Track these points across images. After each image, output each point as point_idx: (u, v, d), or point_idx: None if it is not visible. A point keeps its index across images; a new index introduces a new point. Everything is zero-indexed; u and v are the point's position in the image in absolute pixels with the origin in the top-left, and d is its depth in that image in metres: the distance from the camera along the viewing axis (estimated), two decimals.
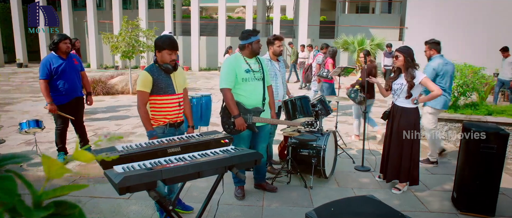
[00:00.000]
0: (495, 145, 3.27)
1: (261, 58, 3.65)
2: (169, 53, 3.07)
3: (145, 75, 3.02)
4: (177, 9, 24.83)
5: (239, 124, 3.42)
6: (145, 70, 3.07)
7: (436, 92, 3.65)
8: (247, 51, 3.50)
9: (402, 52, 3.73)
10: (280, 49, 4.26)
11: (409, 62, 3.71)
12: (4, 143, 5.29)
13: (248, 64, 3.48)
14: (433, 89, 3.66)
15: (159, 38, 3.17)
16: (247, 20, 19.13)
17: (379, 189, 4.05)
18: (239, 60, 3.50)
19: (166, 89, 3.09)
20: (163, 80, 3.09)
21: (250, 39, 3.45)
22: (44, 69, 4.30)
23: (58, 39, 4.35)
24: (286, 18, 31.57)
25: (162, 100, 3.10)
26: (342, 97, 5.12)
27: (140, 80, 3.04)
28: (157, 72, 3.07)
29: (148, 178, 1.94)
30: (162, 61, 3.08)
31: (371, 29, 20.60)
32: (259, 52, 3.58)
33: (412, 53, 3.77)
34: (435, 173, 4.56)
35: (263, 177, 3.91)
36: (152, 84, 3.04)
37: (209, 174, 2.22)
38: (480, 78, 6.12)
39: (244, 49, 3.49)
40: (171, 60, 3.11)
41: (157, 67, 3.10)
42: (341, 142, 5.72)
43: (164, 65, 3.08)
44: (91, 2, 19.02)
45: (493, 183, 3.35)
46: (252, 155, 2.32)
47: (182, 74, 3.30)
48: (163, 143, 2.57)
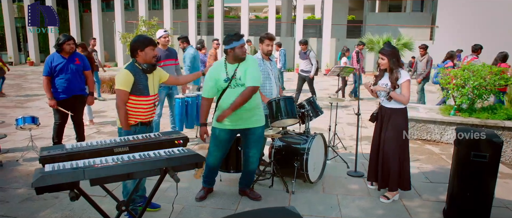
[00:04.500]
0: (487, 153, 2.95)
1: (251, 59, 3.46)
2: (152, 49, 3.04)
3: (127, 74, 2.97)
4: (203, 9, 25.14)
5: (202, 133, 3.40)
6: (126, 69, 3.01)
7: (404, 100, 3.44)
8: (230, 57, 3.32)
9: (386, 54, 3.49)
10: (269, 48, 4.10)
11: (393, 63, 3.47)
12: (9, 138, 5.50)
13: (227, 73, 3.31)
14: (404, 96, 3.44)
15: (137, 38, 3.10)
16: (270, 20, 18.99)
17: (366, 196, 3.79)
18: (221, 68, 3.35)
19: (142, 90, 3.05)
20: (142, 81, 3.04)
21: (232, 44, 3.25)
22: (46, 67, 4.50)
23: (63, 41, 4.51)
24: (314, 17, 31.11)
25: (137, 101, 3.05)
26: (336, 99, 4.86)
27: (121, 79, 2.98)
28: (137, 73, 3.03)
29: (68, 178, 1.87)
30: (145, 60, 3.03)
31: (400, 29, 19.82)
32: (244, 57, 3.38)
33: (397, 53, 3.53)
34: (434, 181, 4.22)
35: (248, 184, 3.75)
36: (133, 84, 2.99)
37: (142, 175, 2.13)
38: (498, 80, 5.62)
39: (227, 54, 3.32)
40: (154, 56, 3.08)
41: (137, 67, 3.04)
42: (340, 145, 5.47)
43: (145, 65, 3.03)
44: (119, 3, 19.63)
45: (485, 195, 3.03)
46: (193, 157, 2.20)
47: (158, 73, 3.24)
48: (111, 142, 2.51)
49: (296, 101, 3.91)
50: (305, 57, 8.01)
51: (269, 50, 4.12)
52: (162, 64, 5.35)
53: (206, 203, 3.57)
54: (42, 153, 2.27)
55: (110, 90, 10.34)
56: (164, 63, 5.37)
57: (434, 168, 4.70)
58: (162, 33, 5.41)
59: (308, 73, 8.13)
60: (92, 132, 6.27)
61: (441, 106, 6.68)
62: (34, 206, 3.44)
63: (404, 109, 3.55)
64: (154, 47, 3.07)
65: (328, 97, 4.90)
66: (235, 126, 3.39)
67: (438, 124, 5.91)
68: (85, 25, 24.19)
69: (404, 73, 3.47)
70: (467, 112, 5.92)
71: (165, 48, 5.43)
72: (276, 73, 4.31)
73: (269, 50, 4.11)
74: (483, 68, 5.84)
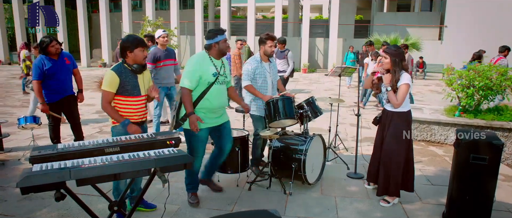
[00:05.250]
0: (486, 156, 2.88)
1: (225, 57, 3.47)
2: (142, 50, 3.03)
3: (112, 76, 2.97)
4: (210, 10, 25.19)
5: (192, 121, 3.18)
6: (112, 70, 3.01)
7: (395, 103, 3.40)
8: (214, 52, 3.30)
9: (389, 53, 3.41)
10: (272, 49, 4.07)
11: (395, 63, 3.39)
12: (13, 137, 5.57)
13: (215, 67, 3.30)
14: (399, 98, 3.38)
15: (126, 39, 3.08)
16: (276, 20, 18.95)
17: (365, 199, 3.73)
18: (207, 61, 3.29)
19: (132, 91, 3.04)
20: (130, 81, 3.03)
21: (217, 38, 3.24)
22: (37, 71, 4.36)
23: (46, 44, 4.36)
24: (321, 17, 30.95)
25: (127, 101, 3.05)
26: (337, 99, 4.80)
27: (107, 80, 2.98)
28: (125, 73, 3.02)
29: (54, 179, 1.87)
30: (135, 61, 3.03)
31: (408, 28, 19.62)
32: (226, 52, 3.40)
33: (402, 54, 3.44)
34: (435, 184, 4.14)
35: (210, 175, 3.76)
36: (119, 85, 2.98)
37: (129, 176, 2.12)
38: (505, 80, 5.50)
39: (211, 49, 3.29)
40: (144, 57, 3.07)
41: (125, 67, 3.04)
42: (342, 147, 5.41)
43: (134, 66, 3.03)
44: (127, 4, 19.78)
45: (485, 198, 2.95)
46: (181, 157, 2.18)
47: (148, 74, 3.24)
48: (103, 143, 2.50)
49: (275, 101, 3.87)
50: (283, 57, 7.71)
51: (272, 51, 4.09)
52: (161, 64, 5.36)
53: (202, 204, 3.55)
54: (33, 153, 2.27)
55: None
56: (163, 63, 5.37)
57: (436, 170, 4.61)
58: (161, 33, 5.40)
59: (282, 73, 7.77)
60: (95, 132, 6.31)
61: (446, 107, 6.57)
62: (32, 205, 3.46)
63: (406, 112, 3.48)
64: (144, 48, 3.04)
65: (328, 98, 4.83)
66: (215, 123, 3.39)
67: (442, 125, 5.81)
68: (93, 25, 24.44)
69: (405, 76, 3.39)
70: (472, 113, 5.81)
71: (164, 48, 5.42)
72: (275, 75, 4.27)
73: (272, 51, 4.08)
74: (489, 69, 5.73)
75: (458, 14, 17.18)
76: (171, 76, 5.55)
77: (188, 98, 3.22)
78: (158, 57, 5.31)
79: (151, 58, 5.25)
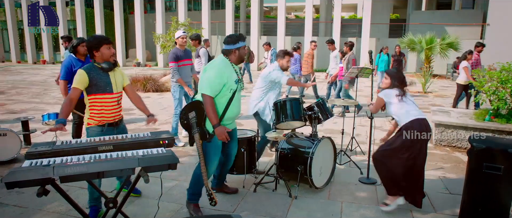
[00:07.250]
0: (501, 166, 2.65)
1: None
2: (108, 48, 3.06)
3: (82, 74, 3.00)
4: (241, 10, 25.34)
5: (220, 133, 3.04)
6: (83, 69, 3.06)
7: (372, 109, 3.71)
8: (233, 57, 3.20)
9: (390, 75, 3.56)
10: (288, 65, 4.49)
11: (394, 86, 3.50)
12: (39, 133, 5.87)
13: (236, 73, 3.22)
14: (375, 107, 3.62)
15: (92, 39, 3.12)
16: (307, 20, 18.71)
17: (373, 205, 3.57)
18: (230, 67, 3.19)
19: (104, 88, 3.08)
20: (102, 79, 3.06)
21: (239, 43, 3.15)
22: (66, 71, 4.53)
23: (77, 43, 4.62)
24: (356, 16, 30.21)
25: (101, 99, 3.09)
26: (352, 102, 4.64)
27: (76, 78, 3.02)
28: (95, 72, 3.05)
29: (37, 175, 1.93)
30: (103, 59, 3.07)
31: (446, 27, 18.67)
32: (244, 59, 3.34)
33: (402, 78, 3.53)
34: (454, 192, 3.88)
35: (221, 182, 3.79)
36: (90, 84, 3.01)
37: (113, 175, 2.16)
38: None
39: (231, 55, 3.19)
40: (111, 54, 3.10)
41: (95, 66, 3.08)
42: (359, 150, 5.22)
43: (103, 64, 3.07)
44: (160, 5, 20.35)
45: (499, 211, 2.72)
46: (166, 158, 2.19)
47: (120, 72, 3.27)
48: (98, 141, 2.57)
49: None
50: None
51: (288, 67, 4.56)
52: (180, 64, 5.45)
53: (203, 204, 3.54)
54: (31, 149, 2.37)
55: (144, 89, 10.76)
56: (182, 63, 5.46)
57: (457, 178, 4.32)
58: (180, 33, 5.50)
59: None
60: None
61: (476, 111, 6.17)
62: (44, 198, 3.60)
63: (401, 126, 3.35)
64: (110, 45, 3.06)
65: (342, 100, 4.69)
66: (229, 127, 3.34)
67: (470, 130, 5.45)
68: (129, 26, 25.36)
69: (389, 91, 3.50)
70: (505, 118, 5.41)
71: (182, 48, 5.51)
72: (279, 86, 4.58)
73: (288, 66, 4.56)
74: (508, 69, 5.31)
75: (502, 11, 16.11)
76: (189, 75, 5.66)
77: (212, 108, 3.04)
78: (179, 57, 5.41)
79: (173, 58, 5.37)
